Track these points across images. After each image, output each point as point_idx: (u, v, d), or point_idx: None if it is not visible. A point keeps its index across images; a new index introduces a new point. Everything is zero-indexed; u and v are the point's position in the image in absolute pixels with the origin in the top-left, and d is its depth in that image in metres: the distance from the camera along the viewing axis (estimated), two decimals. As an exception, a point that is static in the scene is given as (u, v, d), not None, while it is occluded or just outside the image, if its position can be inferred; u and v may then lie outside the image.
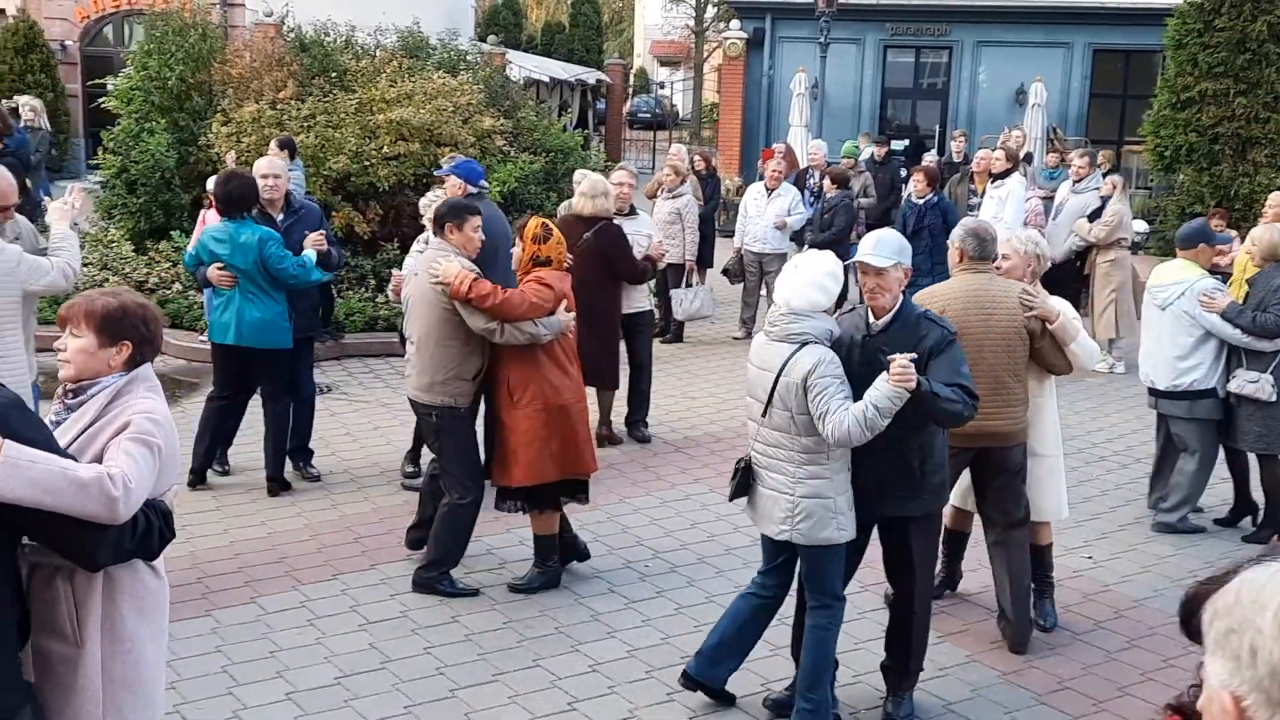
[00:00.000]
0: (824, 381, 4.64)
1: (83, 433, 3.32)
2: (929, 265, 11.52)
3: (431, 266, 6.02)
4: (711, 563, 6.73)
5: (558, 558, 6.38)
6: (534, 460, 6.05)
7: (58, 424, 3.39)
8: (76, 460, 3.11)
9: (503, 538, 6.92)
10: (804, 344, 4.74)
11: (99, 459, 3.21)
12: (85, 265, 12.26)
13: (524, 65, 28.10)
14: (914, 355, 4.58)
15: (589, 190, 8.47)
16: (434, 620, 5.89)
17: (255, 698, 5.11)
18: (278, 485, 7.57)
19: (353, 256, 12.61)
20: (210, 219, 8.56)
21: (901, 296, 4.89)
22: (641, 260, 8.69)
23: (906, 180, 16.84)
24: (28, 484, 2.89)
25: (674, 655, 5.60)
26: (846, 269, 5.14)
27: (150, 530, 3.26)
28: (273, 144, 11.27)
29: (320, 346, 11.29)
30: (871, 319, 4.90)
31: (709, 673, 5.11)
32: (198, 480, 7.57)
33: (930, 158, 17.41)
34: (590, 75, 35.51)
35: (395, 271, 7.81)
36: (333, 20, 14.96)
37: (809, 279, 4.76)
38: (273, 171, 7.78)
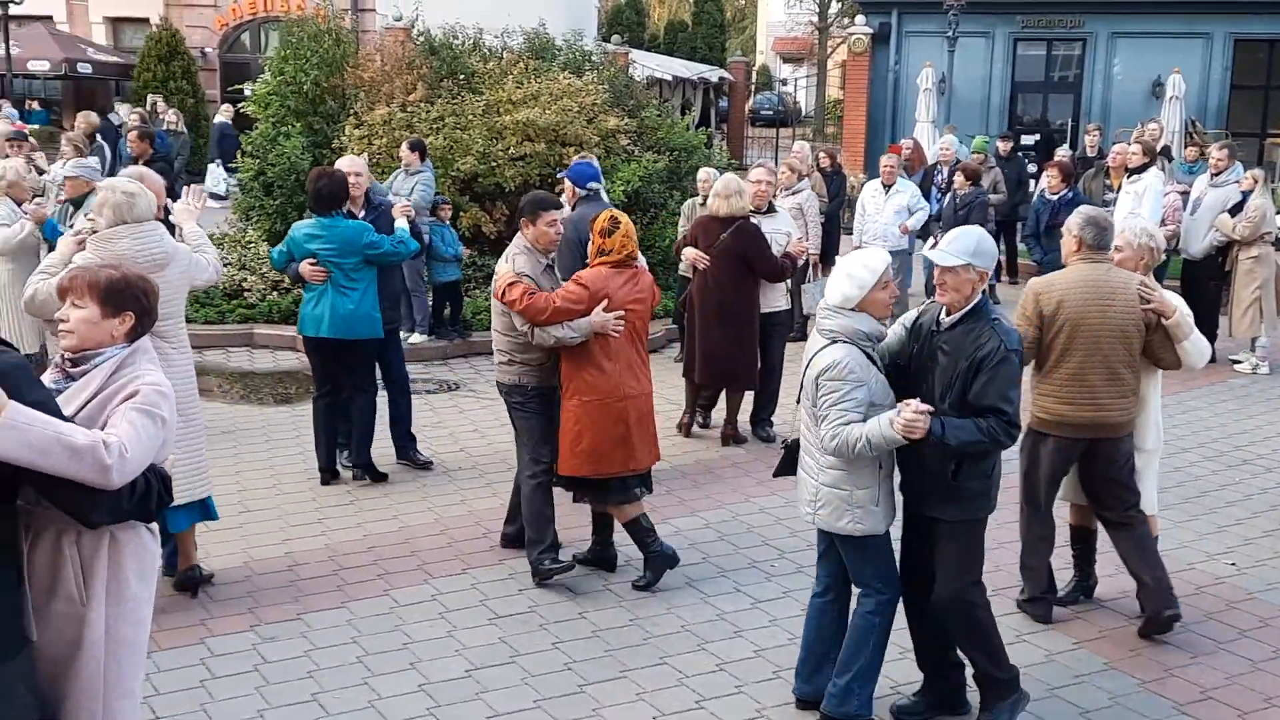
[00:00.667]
0: (831, 385, 4.61)
1: (89, 401, 3.41)
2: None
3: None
4: (838, 563, 6.67)
5: (655, 538, 6.34)
6: (566, 455, 6.19)
7: (58, 392, 3.43)
8: (79, 425, 3.19)
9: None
10: (832, 341, 4.69)
11: (105, 427, 3.30)
12: (225, 265, 12.68)
13: (647, 64, 28.21)
14: (929, 409, 4.50)
15: (724, 190, 8.49)
16: (562, 616, 5.95)
17: (389, 688, 5.21)
18: (368, 473, 7.80)
19: (479, 256, 12.81)
20: None
21: (978, 299, 4.71)
22: (781, 258, 8.67)
23: (1035, 176, 16.54)
24: (23, 445, 2.99)
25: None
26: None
27: (149, 493, 3.35)
28: (404, 146, 11.50)
29: (448, 345, 11.51)
30: (943, 316, 4.80)
31: (810, 689, 5.04)
32: (330, 476, 7.78)
33: (1063, 153, 16.99)
34: (713, 73, 35.47)
35: None
36: (461, 23, 15.19)
37: (843, 269, 4.71)
38: (354, 170, 7.99)
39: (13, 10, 23.49)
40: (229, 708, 5.03)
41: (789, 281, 9.30)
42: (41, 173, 11.98)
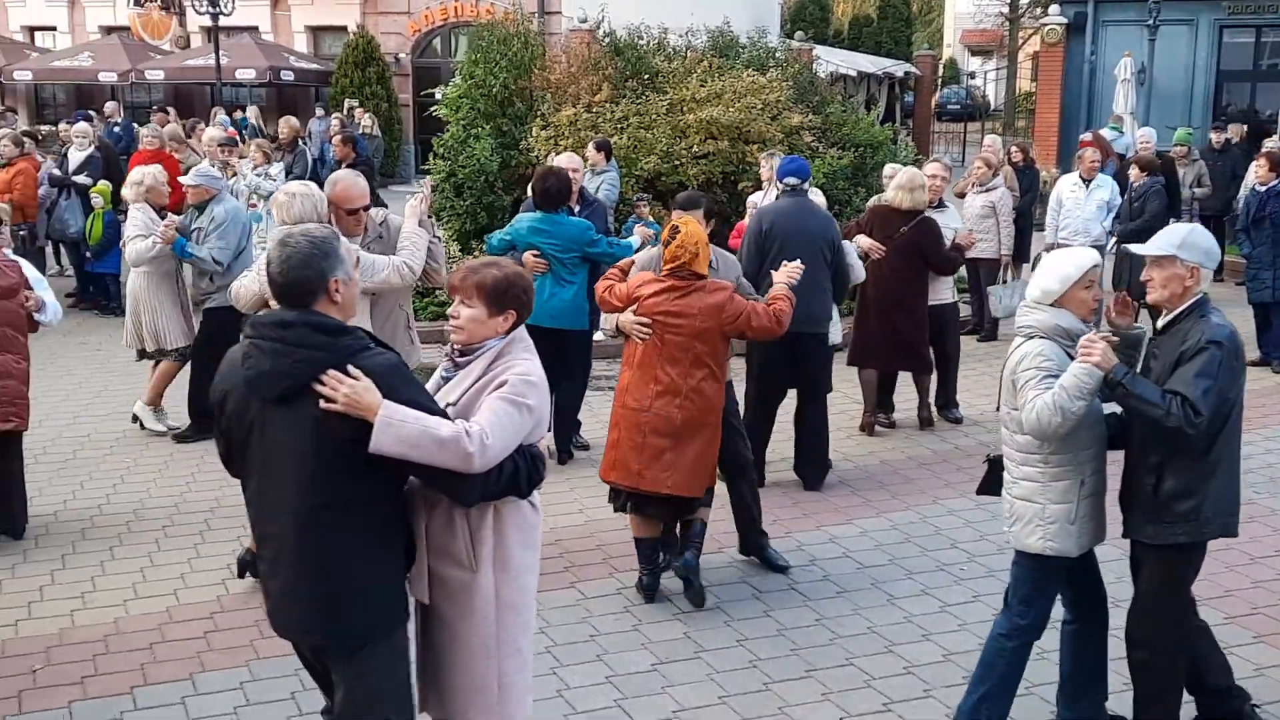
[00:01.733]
0: (1028, 374, 4.39)
1: (470, 388, 3.73)
2: (1271, 256, 10.73)
3: None
4: (1031, 569, 6.48)
5: (655, 568, 6.12)
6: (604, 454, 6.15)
7: (446, 379, 3.86)
8: (446, 414, 3.54)
9: (812, 535, 6.90)
10: (1029, 337, 4.50)
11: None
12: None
13: (831, 60, 27.87)
14: (1109, 335, 4.28)
15: (905, 184, 8.56)
16: (747, 613, 5.94)
17: (577, 679, 5.29)
18: (565, 456, 8.19)
19: (664, 254, 12.87)
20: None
21: (1195, 298, 4.38)
22: (950, 249, 8.77)
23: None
24: (397, 440, 3.36)
25: (992, 662, 5.44)
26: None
27: (517, 473, 3.65)
28: (590, 146, 11.67)
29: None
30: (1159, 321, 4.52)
31: (1072, 716, 4.82)
32: (566, 457, 8.21)
33: (1272, 143, 16.12)
34: (898, 68, 34.85)
35: None
36: (645, 24, 15.29)
37: (1047, 264, 4.53)
38: (573, 166, 8.47)
39: (222, 22, 24.67)
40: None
41: (964, 277, 9.28)
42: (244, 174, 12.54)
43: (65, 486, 7.69)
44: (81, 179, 13.17)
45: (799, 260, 6.31)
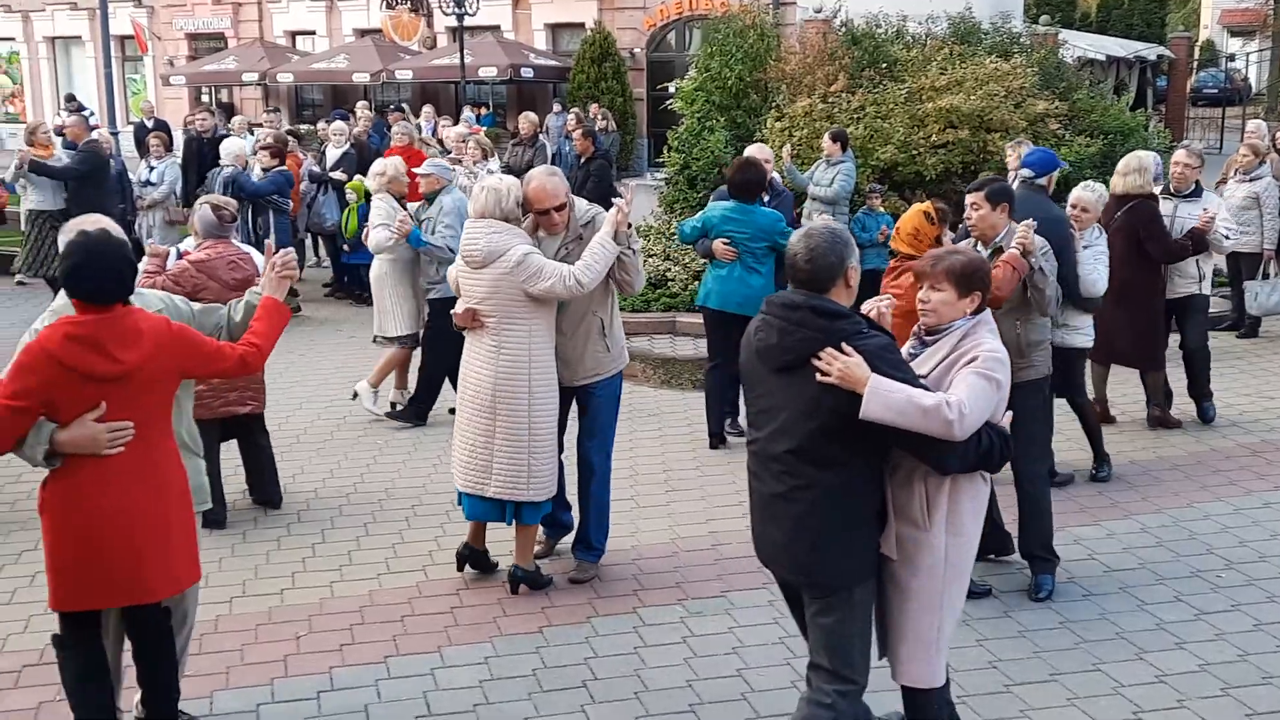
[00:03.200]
0: None
1: (938, 365, 4.08)
2: None
3: None
4: (1298, 579, 6.11)
5: None
6: None
7: (913, 357, 4.18)
8: (929, 389, 3.89)
9: (1056, 536, 6.67)
10: None
11: (948, 388, 3.96)
12: (649, 256, 13.21)
13: (1079, 44, 26.72)
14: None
15: (1122, 168, 8.35)
16: (986, 613, 5.78)
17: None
18: (718, 440, 8.37)
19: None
20: None
21: None
22: (1184, 236, 8.30)
23: None
24: (884, 408, 3.76)
25: (1253, 674, 5.15)
26: None
27: (991, 449, 3.95)
28: (825, 137, 11.57)
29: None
30: None
31: None
32: (718, 442, 8.35)
33: None
34: (1150, 51, 33.18)
35: None
36: (884, 12, 15.07)
37: None
38: (765, 157, 8.79)
39: (466, 22, 25.56)
40: (659, 675, 5.26)
41: (1223, 271, 8.71)
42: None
43: (323, 466, 8.13)
44: (337, 175, 13.88)
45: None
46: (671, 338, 11.96)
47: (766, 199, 8.54)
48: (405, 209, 9.05)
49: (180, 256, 7.09)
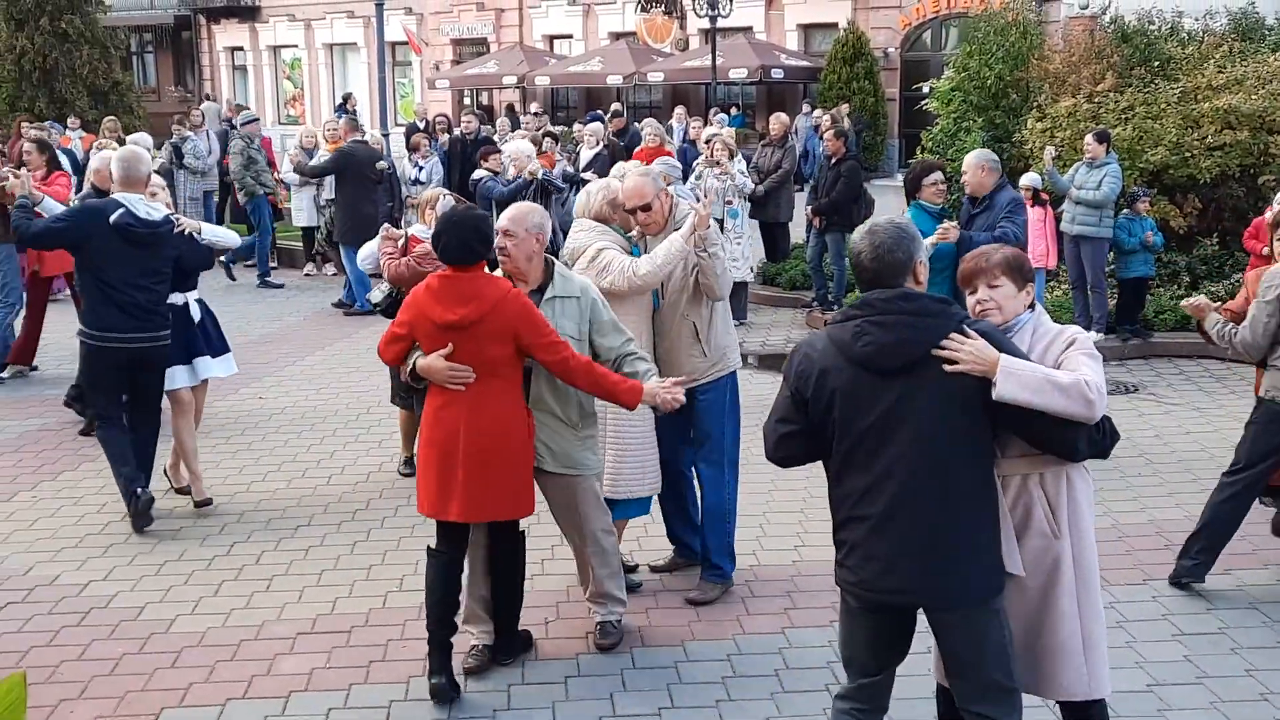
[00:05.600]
0: None
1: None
2: None
3: None
4: None
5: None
6: None
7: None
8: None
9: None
10: None
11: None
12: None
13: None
14: None
15: None
16: (1257, 641, 5.46)
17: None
18: None
19: (1166, 252, 12.06)
20: None
21: None
22: None
23: None
24: (1021, 387, 3.55)
25: None
26: None
27: (1106, 433, 3.84)
28: (1089, 138, 11.14)
29: (1125, 345, 10.98)
30: None
31: None
32: None
33: None
34: None
35: None
36: (1157, 7, 14.38)
37: None
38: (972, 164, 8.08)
39: (719, 23, 25.77)
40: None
41: None
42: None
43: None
44: (588, 176, 14.24)
45: None
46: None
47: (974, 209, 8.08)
48: None
49: (408, 240, 7.47)
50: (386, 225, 7.92)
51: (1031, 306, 3.98)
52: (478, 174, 12.35)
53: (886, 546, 3.70)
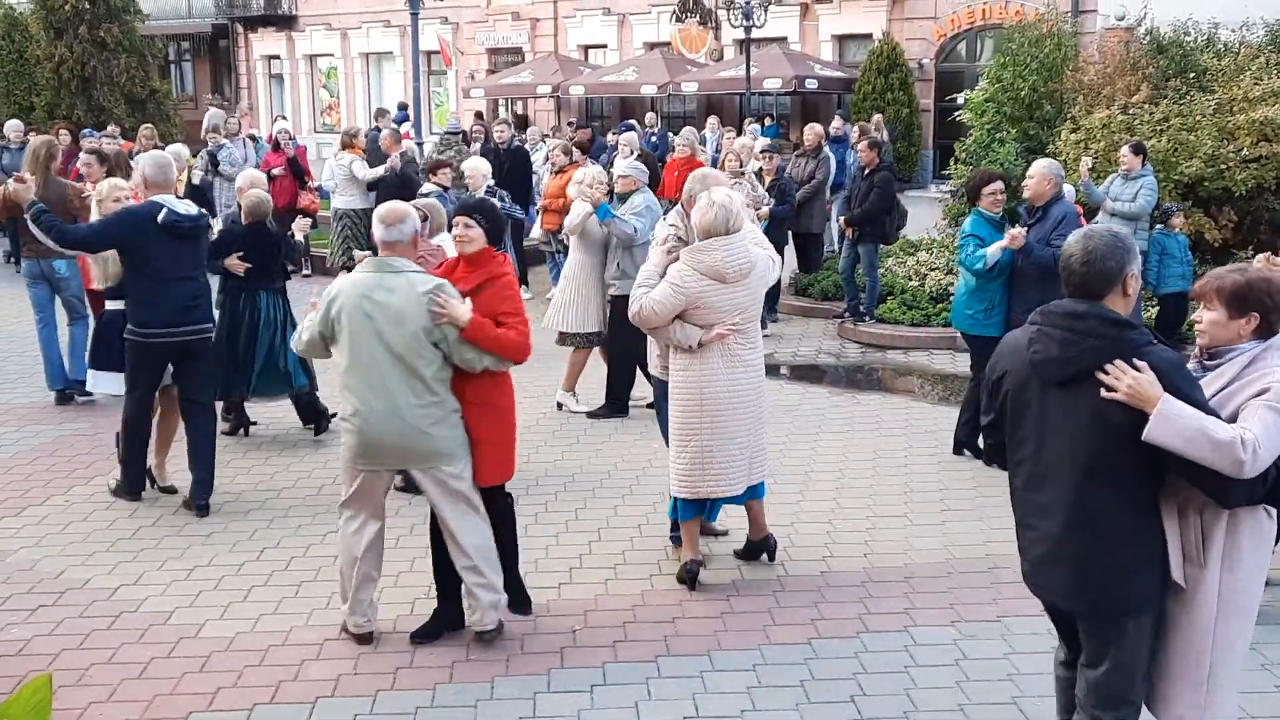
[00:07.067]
0: None
1: (1221, 390, 3.78)
2: None
3: None
4: None
5: None
6: None
7: (1197, 378, 3.87)
8: (1218, 415, 3.61)
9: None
10: None
11: (1234, 416, 3.66)
12: (932, 270, 13.00)
13: None
14: None
15: None
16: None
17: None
18: (961, 447, 8.40)
19: (1199, 265, 11.97)
20: None
21: None
22: None
23: None
24: (1172, 433, 3.53)
25: None
26: None
27: (1271, 483, 3.64)
28: (1124, 149, 11.10)
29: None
30: None
31: None
32: (960, 448, 8.40)
33: None
34: None
35: None
36: (1193, 19, 14.28)
37: None
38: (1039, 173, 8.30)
39: (754, 34, 25.75)
40: (930, 697, 5.17)
41: None
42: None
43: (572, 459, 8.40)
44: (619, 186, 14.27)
45: None
46: (952, 353, 11.70)
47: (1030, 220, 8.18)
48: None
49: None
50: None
51: (1264, 337, 3.80)
52: (426, 188, 12.24)
53: (1030, 546, 3.97)
